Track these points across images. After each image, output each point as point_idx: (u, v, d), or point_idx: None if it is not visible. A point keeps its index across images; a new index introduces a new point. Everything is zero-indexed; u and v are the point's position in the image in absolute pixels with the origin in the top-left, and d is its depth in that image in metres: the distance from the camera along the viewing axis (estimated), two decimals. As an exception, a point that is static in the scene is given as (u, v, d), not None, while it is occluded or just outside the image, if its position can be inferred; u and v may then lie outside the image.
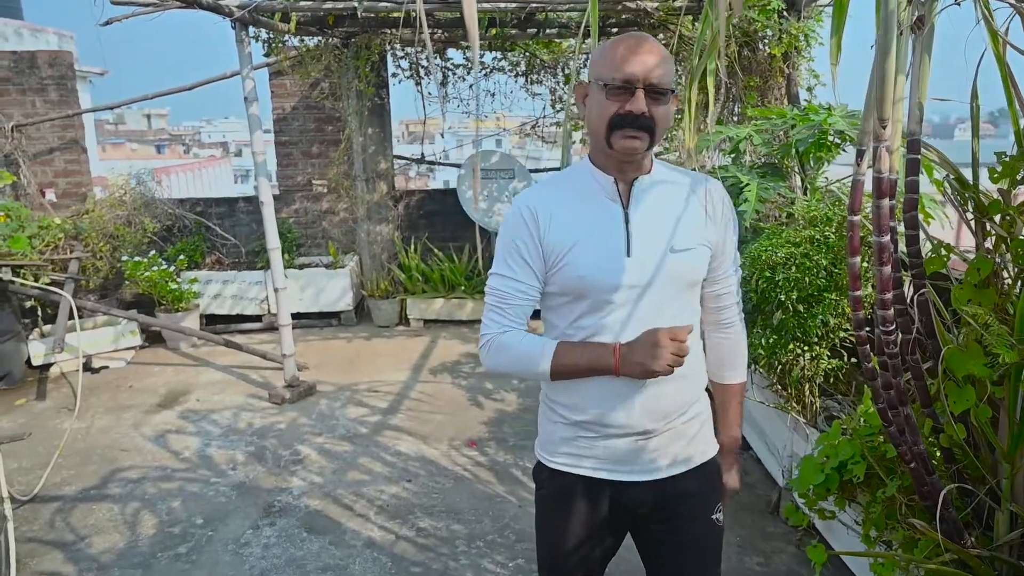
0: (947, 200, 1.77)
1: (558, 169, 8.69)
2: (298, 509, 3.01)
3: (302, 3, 3.70)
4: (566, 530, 1.42)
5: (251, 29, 4.12)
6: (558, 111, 6.03)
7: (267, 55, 4.81)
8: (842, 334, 2.60)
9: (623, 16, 4.32)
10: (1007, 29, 1.57)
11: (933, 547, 1.68)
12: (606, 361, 1.27)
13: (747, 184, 2.85)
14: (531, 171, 6.20)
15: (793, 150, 3.06)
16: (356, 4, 3.41)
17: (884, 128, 1.32)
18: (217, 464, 3.44)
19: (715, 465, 1.47)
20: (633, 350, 1.25)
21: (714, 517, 1.44)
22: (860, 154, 1.46)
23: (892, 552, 1.90)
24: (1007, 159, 1.68)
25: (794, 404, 2.69)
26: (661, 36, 4.28)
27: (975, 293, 1.70)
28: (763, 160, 3.42)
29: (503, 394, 4.24)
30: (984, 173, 1.73)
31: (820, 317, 2.50)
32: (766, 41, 3.64)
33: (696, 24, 3.91)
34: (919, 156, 1.69)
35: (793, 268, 2.47)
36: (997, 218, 1.75)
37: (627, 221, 1.31)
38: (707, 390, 1.49)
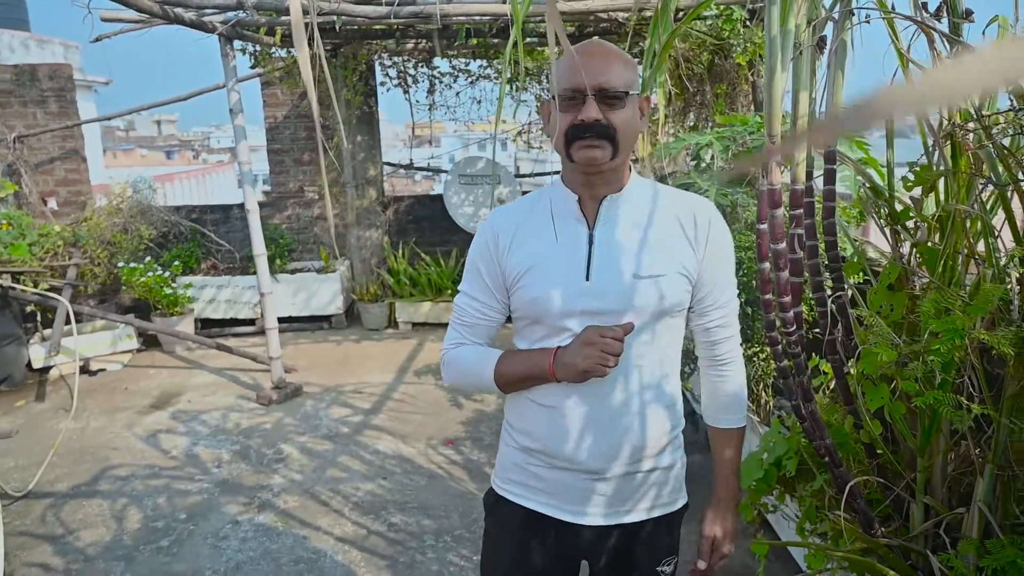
0: (863, 207, 1.86)
1: (559, 172, 8.80)
2: (277, 505, 3.13)
3: (285, 18, 3.84)
4: (510, 568, 1.37)
5: (237, 42, 4.26)
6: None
7: (253, 67, 4.95)
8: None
9: (601, 25, 4.42)
10: (909, 48, 1.66)
11: (853, 538, 1.77)
12: (542, 365, 1.22)
13: (706, 190, 2.96)
14: (526, 176, 6.31)
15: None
16: (334, 19, 3.55)
17: (774, 143, 1.42)
18: (203, 462, 3.58)
19: (677, 517, 1.40)
20: (566, 351, 1.20)
21: (659, 570, 1.36)
22: (764, 167, 1.56)
23: (822, 543, 1.99)
24: (917, 168, 1.77)
25: (748, 403, 2.79)
26: (640, 45, 4.38)
27: (888, 296, 1.80)
28: (731, 166, 3.51)
29: (483, 395, 4.35)
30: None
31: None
32: (735, 49, 3.73)
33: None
34: (835, 167, 1.80)
35: (741, 271, 2.57)
36: (910, 224, 1.84)
37: (591, 243, 1.24)
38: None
